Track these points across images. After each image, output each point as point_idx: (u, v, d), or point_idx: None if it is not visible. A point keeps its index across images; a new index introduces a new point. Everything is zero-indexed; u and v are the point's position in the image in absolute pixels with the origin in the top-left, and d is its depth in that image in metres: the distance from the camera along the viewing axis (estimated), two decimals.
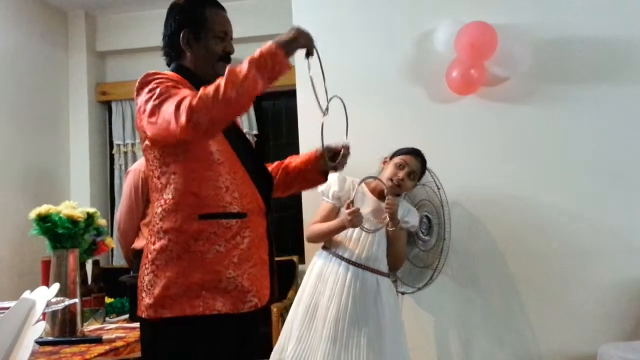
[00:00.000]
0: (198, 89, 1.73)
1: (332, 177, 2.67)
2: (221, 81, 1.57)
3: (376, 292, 2.66)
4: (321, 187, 2.71)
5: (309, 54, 1.78)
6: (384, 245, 2.73)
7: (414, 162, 2.75)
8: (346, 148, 1.93)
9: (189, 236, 1.67)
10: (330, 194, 2.72)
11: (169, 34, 1.87)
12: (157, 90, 1.66)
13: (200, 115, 1.55)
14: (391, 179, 2.71)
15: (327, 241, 2.74)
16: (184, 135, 1.58)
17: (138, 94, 1.72)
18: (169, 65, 1.90)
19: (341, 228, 2.62)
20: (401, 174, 2.72)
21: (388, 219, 2.62)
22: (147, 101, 1.67)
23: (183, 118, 1.55)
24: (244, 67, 1.59)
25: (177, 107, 1.57)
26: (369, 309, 2.61)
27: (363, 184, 2.75)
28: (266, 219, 1.82)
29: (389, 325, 2.63)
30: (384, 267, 2.73)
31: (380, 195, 2.75)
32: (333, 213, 2.71)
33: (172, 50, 1.87)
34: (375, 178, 2.74)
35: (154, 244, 1.71)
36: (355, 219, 2.53)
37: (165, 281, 1.66)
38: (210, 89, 1.57)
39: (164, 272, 1.67)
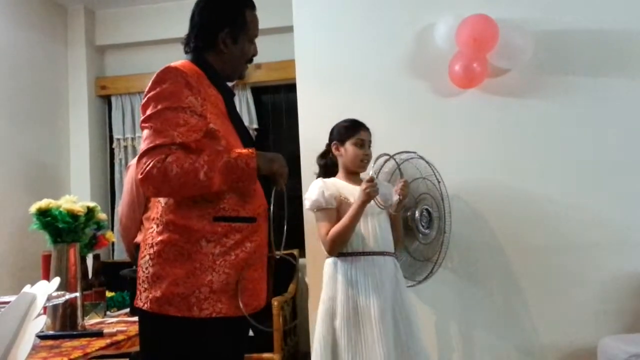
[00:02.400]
0: (215, 84, 1.79)
1: (316, 184, 2.71)
2: (201, 169, 1.61)
3: (396, 274, 2.71)
4: (311, 199, 2.69)
5: (275, 184, 1.78)
6: (389, 227, 2.77)
7: (367, 134, 2.79)
8: None
9: (201, 236, 1.67)
10: (324, 200, 2.69)
11: (201, 26, 1.84)
12: (160, 107, 1.66)
13: (166, 189, 1.63)
14: (361, 160, 2.75)
15: None
16: (142, 189, 1.68)
17: (151, 88, 1.70)
18: (186, 53, 1.87)
19: (361, 207, 2.58)
20: (367, 151, 2.78)
21: (397, 202, 2.70)
22: (149, 106, 1.68)
23: (149, 189, 1.64)
24: (218, 165, 1.64)
25: (157, 165, 1.61)
26: (394, 292, 2.66)
27: (338, 179, 2.78)
28: (268, 222, 1.82)
29: (410, 304, 2.70)
30: (393, 247, 2.77)
31: (356, 180, 2.77)
32: (336, 215, 2.69)
33: (200, 42, 1.84)
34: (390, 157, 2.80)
35: (160, 234, 1.69)
36: (371, 189, 2.55)
37: (174, 278, 1.65)
38: (189, 173, 1.61)
39: (173, 268, 1.65)
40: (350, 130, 2.78)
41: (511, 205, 3.31)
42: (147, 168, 1.61)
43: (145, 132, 1.67)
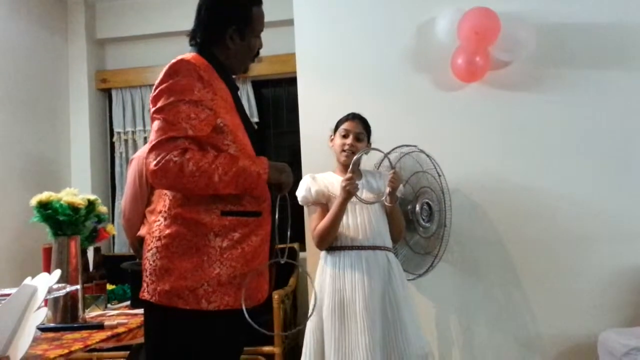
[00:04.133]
0: (224, 79, 1.80)
1: (304, 181, 2.74)
2: (216, 172, 1.64)
3: (388, 269, 2.69)
4: (300, 195, 2.72)
5: (280, 191, 1.82)
6: (384, 220, 2.76)
7: (354, 125, 2.77)
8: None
9: (209, 230, 1.68)
10: (313, 196, 2.70)
11: (208, 23, 1.85)
12: (172, 99, 1.66)
13: (178, 184, 1.65)
14: (343, 150, 2.74)
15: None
16: (152, 180, 1.67)
17: (163, 79, 1.70)
18: (192, 46, 1.87)
19: (342, 204, 2.59)
20: (349, 140, 2.74)
21: (388, 194, 2.67)
22: (162, 97, 1.68)
23: (162, 182, 1.65)
24: (233, 170, 1.66)
25: (173, 159, 1.61)
26: (385, 286, 2.65)
27: (331, 174, 2.78)
28: (271, 216, 1.84)
29: (402, 298, 2.68)
30: (388, 242, 2.75)
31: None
32: (325, 210, 2.70)
33: (207, 38, 1.85)
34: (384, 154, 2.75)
35: (168, 227, 1.70)
36: (350, 186, 2.54)
37: (182, 271, 1.66)
38: (205, 173, 1.63)
39: (181, 261, 1.67)
40: (339, 122, 2.80)
41: (512, 198, 3.31)
42: (163, 161, 1.61)
43: (157, 123, 1.67)
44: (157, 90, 1.70)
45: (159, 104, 1.68)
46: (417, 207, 3.07)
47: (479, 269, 3.34)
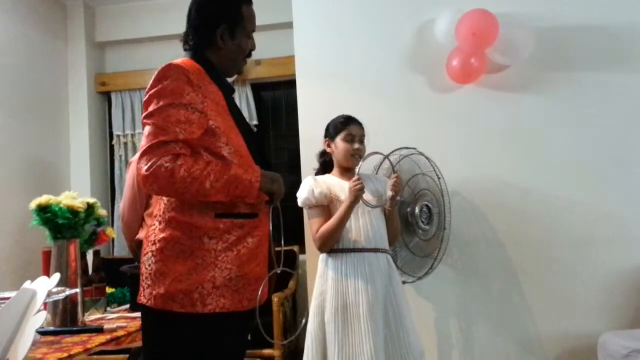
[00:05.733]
0: (215, 81, 1.80)
1: (307, 182, 2.72)
2: (208, 178, 1.63)
3: (389, 271, 2.69)
4: (301, 197, 2.70)
5: (272, 202, 1.81)
6: (384, 223, 2.75)
7: (357, 128, 2.77)
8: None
9: (203, 233, 1.68)
10: (314, 198, 2.68)
11: (199, 23, 1.85)
12: (161, 103, 1.66)
13: (169, 190, 1.64)
14: (352, 155, 2.72)
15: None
16: (143, 185, 1.67)
17: (153, 84, 1.71)
18: (185, 50, 1.87)
19: (350, 207, 2.58)
20: (356, 145, 2.73)
21: (389, 198, 2.68)
22: (152, 102, 1.68)
23: (153, 187, 1.64)
24: (224, 177, 1.66)
25: (165, 164, 1.61)
26: (386, 288, 2.64)
27: (331, 176, 2.78)
28: (269, 218, 1.84)
29: (403, 300, 2.68)
30: (387, 244, 2.75)
31: (350, 176, 2.71)
32: (327, 212, 2.69)
33: (198, 39, 1.85)
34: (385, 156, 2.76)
35: (162, 231, 1.70)
36: (358, 188, 2.54)
37: (177, 274, 1.66)
38: (196, 179, 1.62)
39: (175, 264, 1.67)
40: (340, 126, 2.77)
41: (511, 201, 3.31)
42: (154, 166, 1.61)
43: (147, 128, 1.67)
44: (147, 96, 1.71)
45: (149, 109, 1.68)
46: (417, 210, 3.07)
47: (478, 271, 3.34)
